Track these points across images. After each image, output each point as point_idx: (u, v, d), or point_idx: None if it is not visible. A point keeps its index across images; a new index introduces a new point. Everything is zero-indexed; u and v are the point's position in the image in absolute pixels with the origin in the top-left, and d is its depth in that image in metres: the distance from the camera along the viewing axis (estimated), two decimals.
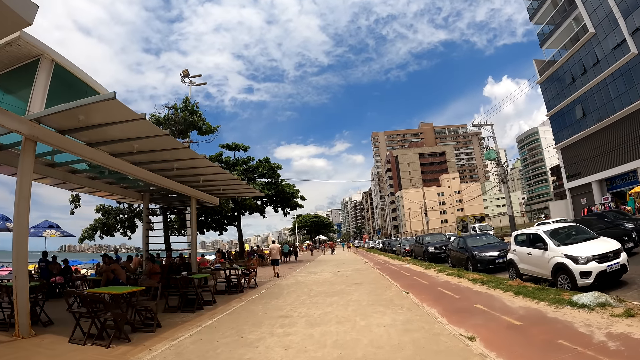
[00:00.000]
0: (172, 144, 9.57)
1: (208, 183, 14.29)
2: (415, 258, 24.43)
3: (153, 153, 10.02)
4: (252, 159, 34.02)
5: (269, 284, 15.31)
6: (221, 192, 16.04)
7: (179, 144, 9.99)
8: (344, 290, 11.77)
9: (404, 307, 8.44)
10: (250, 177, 32.41)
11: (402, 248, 30.51)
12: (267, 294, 12.46)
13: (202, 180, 13.27)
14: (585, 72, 34.78)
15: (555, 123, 39.44)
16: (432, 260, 21.33)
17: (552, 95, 39.70)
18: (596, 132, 33.33)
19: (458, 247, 16.83)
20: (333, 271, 19.53)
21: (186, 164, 11.37)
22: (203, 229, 35.86)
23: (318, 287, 13.26)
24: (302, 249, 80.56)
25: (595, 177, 33.78)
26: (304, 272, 20.91)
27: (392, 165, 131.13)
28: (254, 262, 15.00)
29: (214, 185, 14.67)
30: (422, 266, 18.16)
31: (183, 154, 10.43)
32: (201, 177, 13.18)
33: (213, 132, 23.03)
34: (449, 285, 11.51)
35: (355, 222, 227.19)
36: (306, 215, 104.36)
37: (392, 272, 17.02)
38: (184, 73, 29.21)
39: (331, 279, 15.51)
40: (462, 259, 16.09)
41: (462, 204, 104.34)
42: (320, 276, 17.25)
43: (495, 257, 14.63)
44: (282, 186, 32.82)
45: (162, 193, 17.22)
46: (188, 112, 21.73)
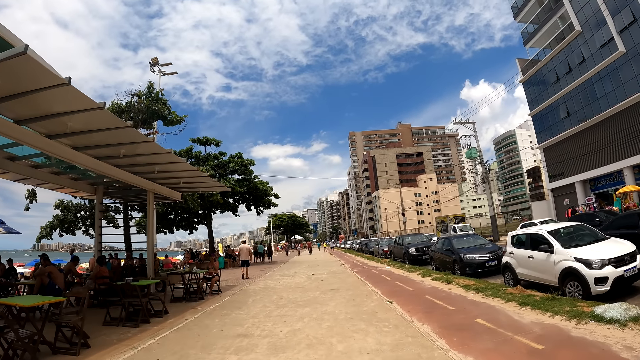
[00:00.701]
0: (113, 123, 7.77)
1: (165, 175, 12.51)
2: (395, 260, 23.08)
3: (93, 134, 8.19)
4: (224, 154, 32.16)
5: (234, 289, 13.63)
6: (182, 186, 14.23)
7: (123, 123, 8.18)
8: (318, 299, 10.18)
9: (390, 323, 6.90)
10: (222, 173, 30.54)
11: (380, 249, 29.16)
12: (230, 302, 10.77)
13: (157, 170, 11.46)
14: (570, 71, 34.24)
15: (537, 123, 38.87)
16: (413, 262, 19.98)
17: (535, 95, 39.13)
18: (580, 132, 32.79)
19: (443, 248, 15.49)
20: (307, 274, 17.95)
21: (135, 150, 9.60)
22: (172, 228, 33.86)
23: (289, 293, 11.64)
24: (277, 249, 78.75)
25: (578, 178, 33.24)
26: (275, 274, 19.26)
27: (369, 165, 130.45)
28: (215, 265, 13.27)
29: (172, 177, 12.89)
30: (403, 269, 16.76)
31: (129, 136, 8.65)
32: (156, 167, 11.38)
33: (180, 123, 21.04)
34: (438, 293, 10.07)
35: (332, 222, 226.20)
36: (282, 214, 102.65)
37: (372, 276, 15.56)
38: (153, 61, 27.16)
39: (304, 284, 13.92)
40: (448, 261, 14.75)
41: (439, 204, 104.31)
42: (293, 280, 15.64)
43: (485, 260, 13.35)
44: (255, 183, 31.04)
45: (118, 186, 15.28)
46: (152, 100, 19.75)
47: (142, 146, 9.34)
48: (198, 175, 12.79)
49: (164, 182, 13.56)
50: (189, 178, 13.23)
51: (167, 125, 20.84)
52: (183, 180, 13.47)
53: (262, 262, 34.27)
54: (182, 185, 14.32)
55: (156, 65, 27.02)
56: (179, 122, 20.96)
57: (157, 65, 27.04)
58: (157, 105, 19.45)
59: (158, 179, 13.08)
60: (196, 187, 14.93)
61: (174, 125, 20.99)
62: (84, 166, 9.73)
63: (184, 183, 13.64)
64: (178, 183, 13.65)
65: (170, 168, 11.75)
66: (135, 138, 8.82)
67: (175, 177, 13.00)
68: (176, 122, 20.93)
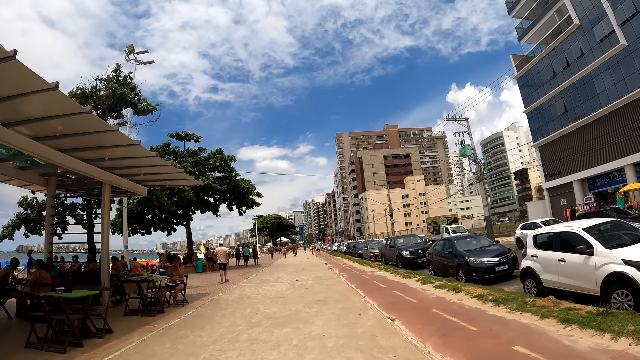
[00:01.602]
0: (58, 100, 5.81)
1: (121, 163, 10.50)
2: (387, 263, 21.28)
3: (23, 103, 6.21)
4: (204, 150, 30.09)
5: (205, 299, 11.63)
6: (144, 179, 12.19)
7: (65, 97, 6.18)
8: (301, 314, 8.26)
9: (399, 355, 5.02)
10: (201, 170, 28.47)
11: (370, 252, 27.31)
12: (193, 318, 8.79)
13: (107, 156, 9.44)
14: (567, 66, 32.97)
15: (533, 120, 37.56)
16: (408, 266, 18.20)
17: (530, 91, 37.83)
18: (579, 129, 31.53)
19: (444, 251, 13.71)
20: (290, 280, 16.01)
21: (80, 127, 7.64)
22: (150, 228, 31.68)
23: (267, 306, 9.70)
24: (263, 251, 76.54)
25: (576, 177, 31.94)
26: (256, 280, 17.29)
27: (356, 167, 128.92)
28: (180, 271, 11.27)
29: (130, 166, 10.87)
30: (397, 274, 14.92)
31: (74, 112, 6.70)
32: (107, 153, 9.37)
33: (152, 112, 18.91)
34: (448, 306, 8.25)
35: (318, 224, 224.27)
36: (267, 216, 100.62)
37: (363, 283, 13.69)
38: (128, 49, 25.02)
39: (286, 293, 11.98)
40: (450, 266, 12.98)
41: (426, 206, 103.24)
42: (274, 287, 13.68)
43: (495, 264, 11.64)
44: (236, 181, 28.98)
45: (73, 178, 13.19)
46: (118, 84, 17.59)
47: (83, 122, 7.38)
48: (160, 164, 10.79)
49: (122, 172, 11.53)
50: (150, 168, 11.21)
51: (138, 114, 18.76)
52: (144, 171, 11.43)
53: (246, 265, 32.19)
54: (144, 178, 12.28)
55: (131, 53, 24.85)
56: (150, 111, 18.83)
57: (133, 53, 24.91)
58: (124, 89, 17.34)
59: (114, 169, 11.06)
60: (161, 180, 12.89)
61: (146, 114, 18.88)
62: (14, 146, 7.70)
63: (145, 175, 11.61)
64: (138, 174, 11.59)
65: (125, 154, 9.76)
66: (72, 109, 6.85)
67: (133, 167, 10.98)
68: (148, 111, 18.80)
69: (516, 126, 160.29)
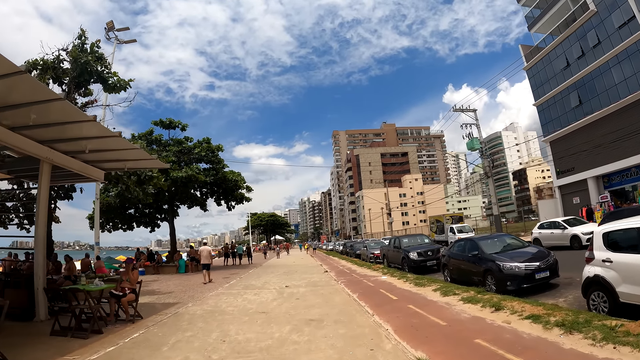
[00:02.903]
0: None
1: (59, 134, 8.01)
2: (389, 266, 18.78)
3: None
4: (190, 140, 27.50)
5: (165, 313, 9.08)
6: (93, 158, 9.64)
7: None
8: (285, 347, 5.71)
9: None
10: (185, 160, 25.88)
11: (370, 252, 24.80)
12: (132, 346, 6.22)
13: (33, 120, 6.90)
14: (582, 55, 30.62)
15: (544, 113, 35.16)
16: (416, 270, 15.71)
17: (541, 83, 35.43)
18: (594, 122, 29.16)
19: (466, 254, 11.22)
20: (280, 286, 13.48)
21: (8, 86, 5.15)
22: (132, 224, 29.07)
23: (241, 328, 7.15)
24: (257, 249, 73.98)
25: (591, 173, 29.59)
26: (239, 285, 14.76)
27: (352, 165, 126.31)
28: (132, 277, 8.71)
29: (70, 138, 8.34)
30: (407, 281, 12.43)
31: None
32: (32, 116, 6.84)
33: (125, 89, 16.11)
34: (496, 333, 5.77)
35: (314, 222, 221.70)
36: (261, 213, 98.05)
37: (368, 292, 11.20)
38: (107, 25, 22.43)
39: (271, 306, 9.44)
40: (475, 272, 10.52)
41: (424, 205, 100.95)
42: (257, 297, 11.13)
43: (534, 270, 9.23)
44: (224, 173, 26.37)
45: (3, 155, 10.60)
46: (83, 53, 14.88)
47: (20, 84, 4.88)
48: (108, 134, 8.22)
49: (66, 148, 9.00)
50: (96, 142, 8.65)
51: (109, 91, 16.00)
52: (91, 146, 8.85)
53: (237, 265, 29.63)
54: (93, 158, 9.74)
55: (111, 30, 22.29)
56: (123, 87, 16.02)
57: (113, 30, 22.34)
58: (87, 57, 14.64)
59: (54, 142, 8.54)
60: (117, 160, 10.32)
61: (119, 91, 16.08)
62: None
63: (91, 151, 9.02)
64: (83, 151, 9.01)
65: (59, 117, 7.25)
66: None
67: (74, 137, 8.44)
68: (120, 88, 15.99)
69: (515, 126, 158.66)
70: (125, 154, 9.67)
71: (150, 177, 13.33)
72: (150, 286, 16.11)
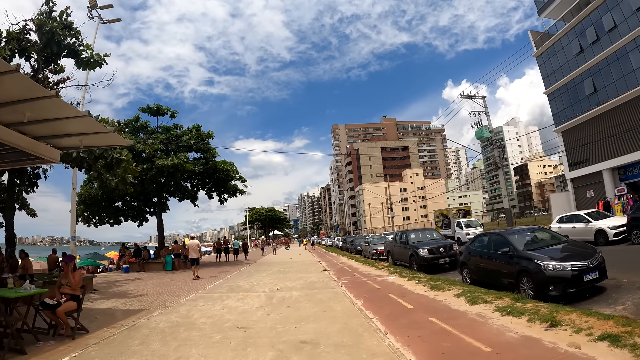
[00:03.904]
0: None
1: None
2: (395, 264, 16.89)
3: None
4: (180, 127, 25.55)
5: (120, 325, 7.16)
6: (36, 131, 7.68)
7: None
8: None
9: None
10: (174, 148, 23.92)
11: (372, 248, 22.92)
12: None
13: None
14: (597, 40, 28.67)
15: (555, 102, 33.19)
16: (427, 269, 13.83)
17: (552, 70, 33.44)
18: (610, 110, 27.29)
19: (493, 251, 9.33)
20: (269, 288, 11.55)
21: None
22: (119, 218, 27.21)
23: (203, 354, 5.25)
24: (255, 244, 72.23)
25: (607, 165, 27.71)
26: (223, 286, 12.84)
27: (352, 159, 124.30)
28: (72, 280, 6.72)
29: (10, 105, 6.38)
30: (420, 282, 10.52)
31: None
32: None
33: (100, 65, 14.04)
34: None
35: (313, 218, 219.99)
36: (260, 208, 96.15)
37: (375, 297, 9.29)
38: (90, 3, 20.46)
39: (254, 317, 7.51)
40: (506, 273, 8.64)
41: (425, 200, 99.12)
42: (240, 303, 9.19)
43: (582, 271, 7.44)
44: (214, 162, 24.39)
45: None
46: (51, 20, 12.84)
47: None
48: (45, 95, 6.24)
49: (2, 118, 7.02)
50: (33, 104, 6.66)
51: (82, 67, 13.90)
52: (30, 112, 6.83)
53: (230, 261, 27.75)
54: (40, 131, 7.77)
55: (94, 8, 20.31)
56: (98, 64, 13.98)
57: (96, 8, 20.36)
58: (53, 24, 12.62)
59: None
60: (68, 134, 8.34)
61: (93, 68, 14.04)
62: None
63: (32, 122, 7.03)
64: (22, 122, 7.01)
65: None
66: None
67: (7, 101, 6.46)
68: (95, 64, 13.95)
69: (516, 121, 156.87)
70: (75, 125, 7.70)
71: (119, 160, 11.37)
72: (126, 286, 14.26)
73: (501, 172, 26.54)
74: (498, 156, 26.40)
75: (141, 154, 22.39)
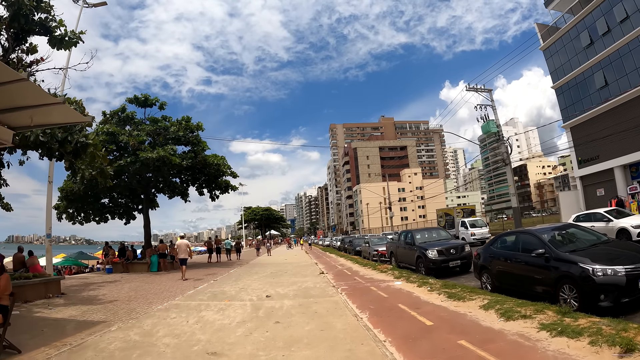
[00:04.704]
0: None
1: None
2: (399, 266, 15.37)
3: None
4: (169, 119, 23.96)
5: (65, 343, 5.63)
6: None
7: None
8: None
9: None
10: (160, 141, 22.34)
11: (373, 249, 21.41)
12: None
13: None
14: (609, 31, 27.32)
15: (563, 96, 31.79)
16: (436, 272, 12.35)
17: (560, 63, 32.05)
18: (623, 105, 25.92)
19: (521, 253, 7.85)
20: (258, 295, 10.01)
21: None
22: (106, 216, 25.56)
23: None
24: (249, 244, 70.55)
25: (619, 162, 26.33)
26: (205, 292, 11.26)
27: (350, 158, 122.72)
28: None
29: None
30: (433, 289, 9.02)
31: None
32: None
33: (76, 44, 12.40)
34: None
35: (310, 218, 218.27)
36: (256, 208, 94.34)
37: (384, 311, 7.74)
38: None
39: (231, 339, 5.89)
40: (540, 280, 7.15)
41: (423, 200, 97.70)
42: (219, 317, 7.64)
43: (638, 276, 5.96)
44: (204, 156, 22.79)
45: None
46: None
47: None
48: None
49: None
50: None
51: (56, 47, 12.21)
52: None
53: (221, 262, 26.20)
54: None
55: None
56: (73, 43, 12.33)
57: None
58: None
59: None
60: (15, 107, 6.79)
61: (68, 47, 12.37)
62: None
63: None
64: None
65: None
66: None
67: None
68: (70, 43, 12.28)
69: (515, 121, 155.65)
70: (17, 94, 6.17)
71: (84, 145, 9.81)
72: (99, 290, 12.73)
73: (509, 169, 25.09)
74: (505, 152, 24.91)
75: (125, 146, 20.85)
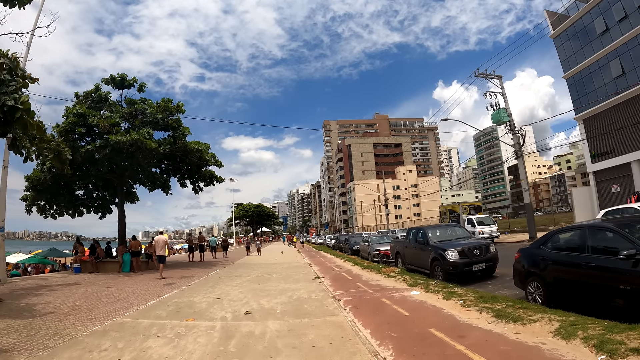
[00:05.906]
0: None
1: None
2: (408, 269, 13.04)
3: None
4: (148, 101, 21.44)
5: None
6: None
7: None
8: None
9: None
10: (136, 124, 19.83)
11: (374, 248, 19.11)
12: None
13: None
14: (626, 17, 25.39)
15: (576, 86, 29.74)
16: (458, 278, 10.02)
17: (572, 52, 30.00)
18: None
19: (598, 255, 5.57)
20: (234, 311, 7.63)
21: None
22: (81, 209, 22.86)
23: None
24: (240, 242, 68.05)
25: (637, 156, 24.44)
26: (166, 305, 8.87)
27: (344, 155, 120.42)
28: None
29: None
30: (468, 304, 6.74)
31: None
32: None
33: (29, 1, 9.83)
34: None
35: (302, 215, 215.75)
36: (247, 204, 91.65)
37: (413, 342, 5.38)
38: None
39: None
40: (623, 291, 4.88)
41: (418, 198, 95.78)
42: (170, 350, 5.29)
43: None
44: (184, 142, 20.27)
45: None
46: None
47: None
48: None
49: None
50: None
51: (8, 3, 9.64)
52: None
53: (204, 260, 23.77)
54: None
55: None
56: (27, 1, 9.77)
57: None
58: None
59: None
60: None
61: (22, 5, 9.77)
62: None
63: None
64: None
65: None
66: None
67: None
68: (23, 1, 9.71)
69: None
70: None
71: (12, 109, 7.37)
72: (46, 295, 10.33)
73: (520, 162, 22.98)
74: (517, 143, 22.78)
75: (94, 128, 18.37)
